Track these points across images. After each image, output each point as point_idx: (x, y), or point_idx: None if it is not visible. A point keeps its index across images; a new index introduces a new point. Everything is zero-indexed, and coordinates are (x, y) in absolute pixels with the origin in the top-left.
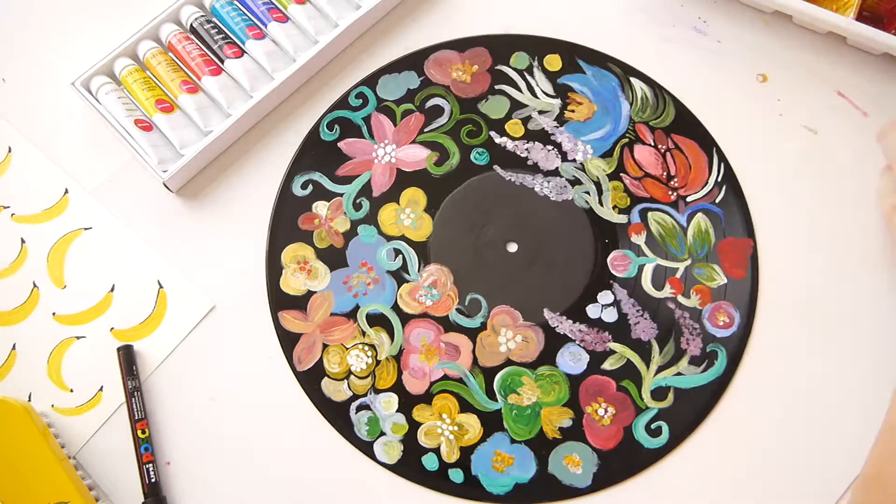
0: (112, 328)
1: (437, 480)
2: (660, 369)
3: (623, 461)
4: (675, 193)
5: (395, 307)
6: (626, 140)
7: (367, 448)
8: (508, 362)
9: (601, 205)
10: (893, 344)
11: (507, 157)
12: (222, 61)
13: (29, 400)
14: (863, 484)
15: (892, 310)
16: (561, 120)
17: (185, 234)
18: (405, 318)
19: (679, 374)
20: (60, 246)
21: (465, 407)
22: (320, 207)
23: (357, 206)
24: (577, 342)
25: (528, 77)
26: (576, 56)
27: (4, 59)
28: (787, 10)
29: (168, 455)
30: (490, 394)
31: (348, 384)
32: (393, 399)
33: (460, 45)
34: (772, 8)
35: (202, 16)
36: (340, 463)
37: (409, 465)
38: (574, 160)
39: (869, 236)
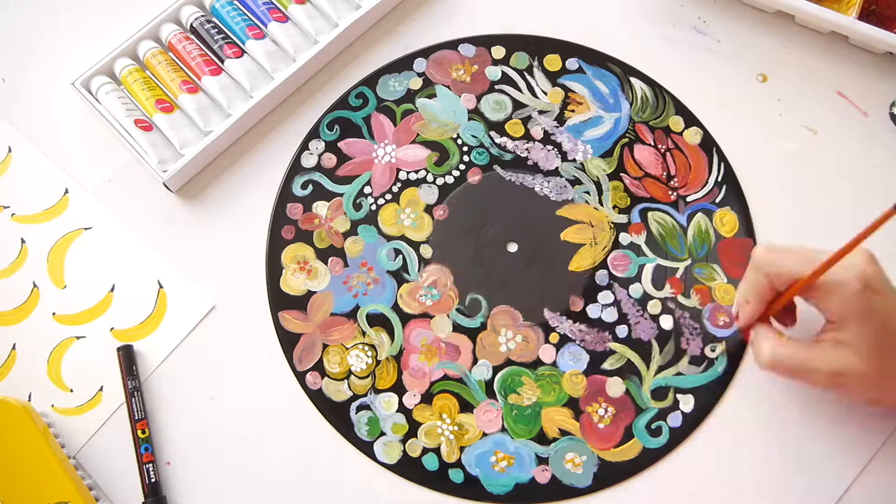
0: (112, 328)
1: (437, 480)
2: (660, 369)
3: (623, 461)
4: (675, 193)
5: (395, 307)
6: (626, 140)
7: (367, 448)
8: (508, 362)
9: (601, 205)
10: None
11: (507, 157)
12: (222, 61)
13: (29, 400)
14: None
15: None
16: (561, 120)
17: (185, 234)
18: (405, 318)
19: (679, 374)
20: (60, 246)
21: (466, 407)
22: (320, 207)
23: (357, 206)
24: (577, 342)
25: (528, 77)
26: (576, 56)
27: (4, 59)
28: (789, 9)
29: (168, 455)
30: (490, 394)
31: (348, 384)
32: (393, 399)
33: (460, 45)
34: (774, 8)
35: (202, 16)
36: (340, 463)
37: (409, 465)
38: (574, 160)
39: (869, 236)
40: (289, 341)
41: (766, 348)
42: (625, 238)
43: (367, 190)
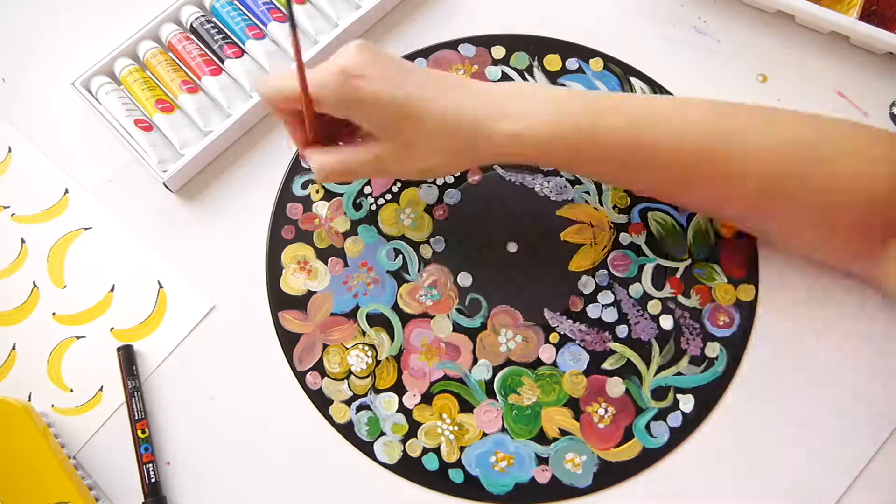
0: (112, 328)
1: (437, 480)
2: (660, 369)
3: (623, 461)
4: None
5: (395, 307)
6: None
7: (367, 448)
8: (508, 362)
9: (601, 204)
10: (894, 342)
11: None
12: (222, 61)
13: (29, 400)
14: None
15: (893, 308)
16: None
17: (185, 234)
18: (405, 318)
19: (679, 373)
20: (60, 246)
21: (466, 407)
22: (320, 207)
23: (357, 206)
24: (577, 342)
25: (528, 77)
26: (576, 56)
27: (4, 59)
28: (789, 9)
29: (168, 455)
30: (490, 394)
31: (348, 384)
32: (393, 399)
33: (460, 45)
34: (774, 8)
35: (202, 16)
36: (340, 463)
37: (409, 465)
38: None
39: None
40: (289, 341)
41: (315, 163)
42: (625, 238)
43: (367, 190)
